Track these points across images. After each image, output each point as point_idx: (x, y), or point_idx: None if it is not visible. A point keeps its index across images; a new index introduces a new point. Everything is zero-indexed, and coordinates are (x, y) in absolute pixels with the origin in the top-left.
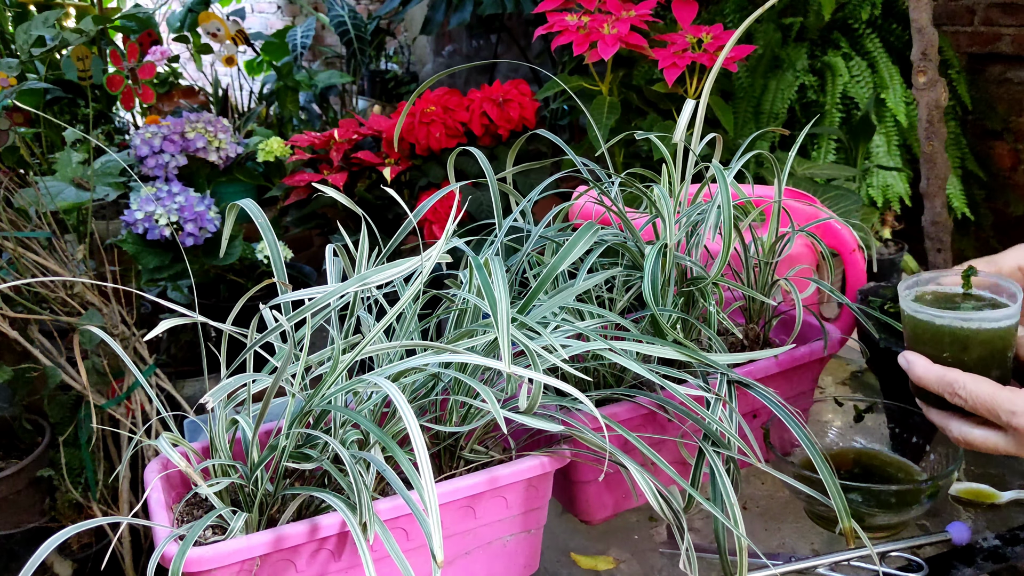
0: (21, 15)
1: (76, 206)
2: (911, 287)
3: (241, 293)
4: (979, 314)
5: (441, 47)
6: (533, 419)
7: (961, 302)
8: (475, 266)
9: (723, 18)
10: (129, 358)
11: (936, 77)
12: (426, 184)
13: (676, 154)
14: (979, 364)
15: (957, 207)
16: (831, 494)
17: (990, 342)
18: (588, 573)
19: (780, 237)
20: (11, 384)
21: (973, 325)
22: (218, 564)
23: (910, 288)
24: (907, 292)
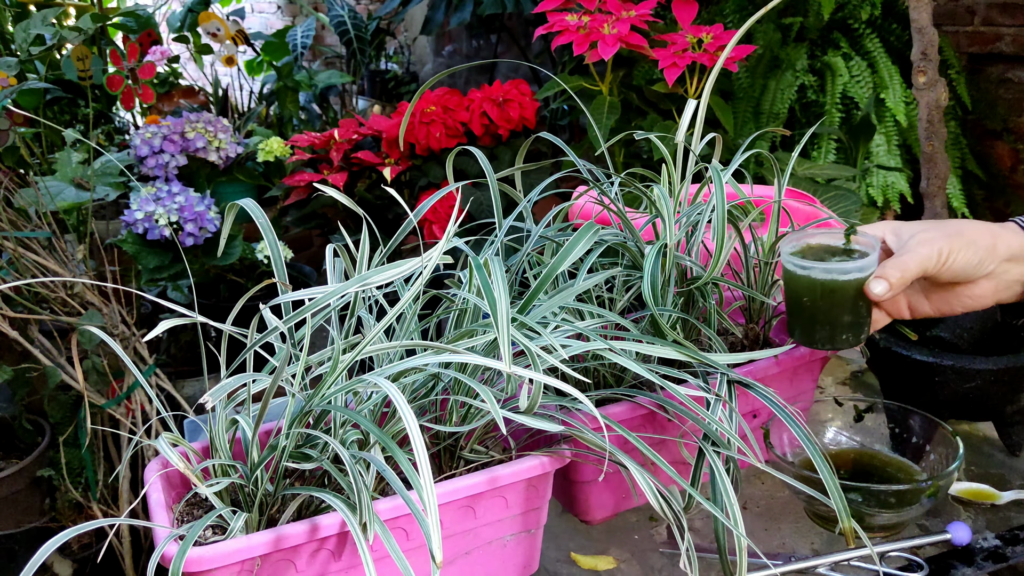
0: (21, 14)
1: (76, 206)
2: (795, 240)
3: (241, 293)
4: (830, 265)
5: (441, 47)
6: (533, 419)
7: (829, 256)
8: (475, 266)
9: (723, 18)
10: (129, 358)
11: (936, 77)
12: (426, 184)
13: (676, 154)
14: (832, 309)
15: (957, 207)
16: (831, 494)
17: (839, 291)
18: (588, 573)
19: (780, 237)
20: (11, 384)
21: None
22: (218, 564)
23: (793, 241)
24: (789, 245)
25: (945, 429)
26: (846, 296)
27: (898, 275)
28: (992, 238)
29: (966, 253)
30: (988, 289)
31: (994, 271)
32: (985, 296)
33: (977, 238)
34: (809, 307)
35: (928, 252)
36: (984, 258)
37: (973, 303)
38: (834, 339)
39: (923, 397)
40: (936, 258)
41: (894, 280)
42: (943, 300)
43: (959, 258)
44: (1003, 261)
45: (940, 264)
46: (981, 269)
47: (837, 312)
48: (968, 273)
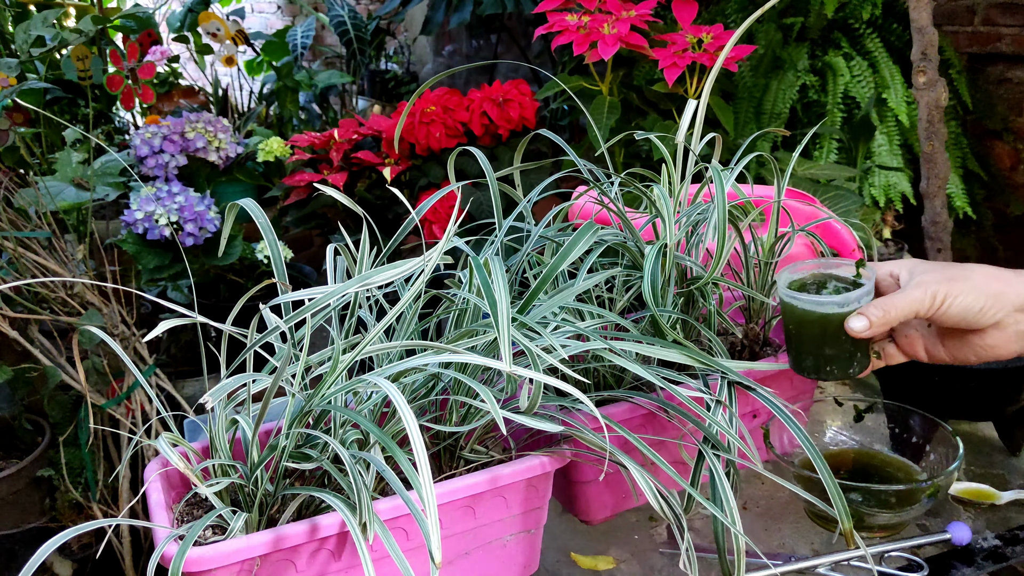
0: (21, 15)
1: (76, 206)
2: (801, 269)
3: (241, 293)
4: (809, 297)
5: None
6: (533, 419)
7: (820, 288)
8: (475, 266)
9: (724, 18)
10: (129, 358)
11: (936, 77)
12: (426, 184)
13: (676, 154)
14: (814, 339)
15: (959, 206)
16: (831, 495)
17: (820, 323)
18: (588, 573)
19: (780, 237)
20: (11, 384)
21: (807, 307)
22: (218, 564)
23: (800, 270)
24: (789, 273)
25: (945, 429)
26: (826, 329)
27: (879, 314)
28: (1003, 285)
29: (966, 299)
30: (999, 339)
31: (1004, 321)
32: (998, 347)
33: (983, 284)
34: (795, 336)
35: (919, 295)
36: (988, 305)
37: (987, 354)
38: (819, 370)
39: (923, 397)
40: (928, 301)
41: (874, 318)
42: (957, 348)
43: (957, 303)
44: (1014, 311)
45: (933, 308)
46: (985, 317)
47: (819, 344)
48: (970, 320)
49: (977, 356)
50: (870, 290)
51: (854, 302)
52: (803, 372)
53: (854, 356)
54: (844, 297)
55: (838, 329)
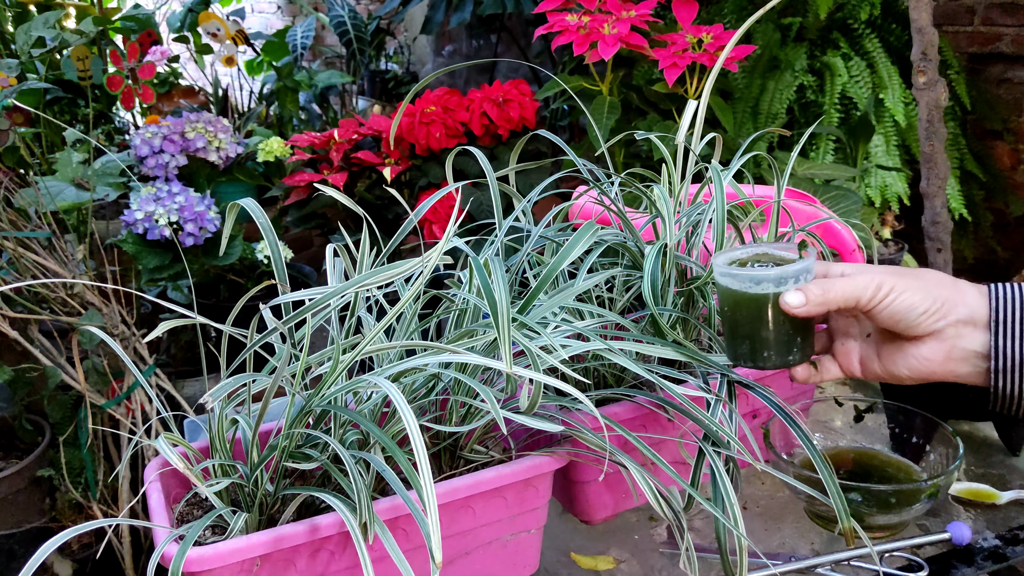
0: (21, 15)
1: (76, 206)
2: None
3: (241, 293)
4: (744, 271)
5: (441, 47)
6: (533, 419)
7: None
8: (475, 266)
9: (723, 18)
10: (129, 358)
11: (936, 77)
12: (426, 184)
13: (676, 154)
14: (748, 321)
15: (954, 208)
16: (831, 494)
17: (756, 302)
18: (588, 573)
19: (780, 237)
20: (11, 384)
21: (742, 286)
22: (218, 564)
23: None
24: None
25: (945, 429)
26: (762, 308)
27: (819, 292)
28: (952, 292)
29: (911, 296)
30: (938, 352)
31: (944, 331)
32: (933, 360)
33: (932, 287)
34: (730, 318)
35: (865, 281)
36: (933, 308)
37: (920, 367)
38: (755, 356)
39: (923, 397)
40: (873, 290)
41: (812, 295)
42: (891, 359)
43: (901, 299)
44: (957, 322)
45: (876, 299)
46: (927, 321)
47: (756, 326)
48: (911, 322)
49: (911, 371)
50: (810, 268)
51: (791, 279)
52: (738, 360)
53: (793, 341)
54: (782, 271)
55: (775, 309)
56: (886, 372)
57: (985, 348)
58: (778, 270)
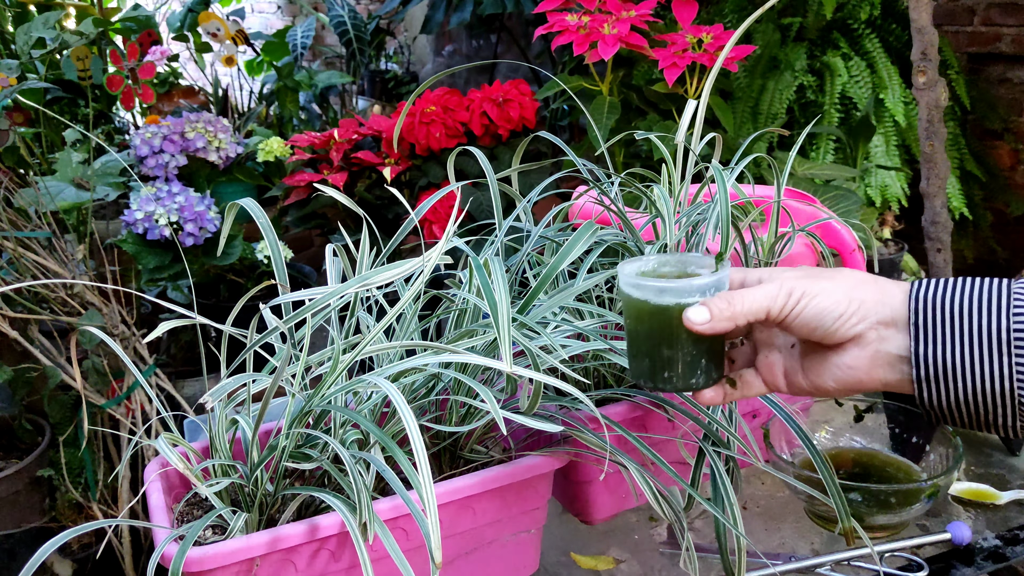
0: (21, 15)
1: (76, 206)
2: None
3: (241, 293)
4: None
5: (441, 47)
6: (533, 419)
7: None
8: (475, 266)
9: (723, 18)
10: (129, 358)
11: (936, 77)
12: (426, 184)
13: (676, 154)
14: (648, 337)
15: (955, 207)
16: (831, 494)
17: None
18: (588, 573)
19: (780, 237)
20: (11, 384)
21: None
22: (218, 564)
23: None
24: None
25: (945, 429)
26: (663, 322)
27: (723, 306)
28: (872, 291)
29: (824, 300)
30: (861, 359)
31: (864, 335)
32: (858, 368)
33: (849, 288)
34: (631, 332)
35: (772, 290)
36: (848, 311)
37: (845, 377)
38: (655, 376)
39: None
40: (783, 299)
41: (716, 310)
42: (815, 370)
43: (813, 304)
44: (877, 324)
45: (787, 308)
46: (844, 326)
47: (656, 342)
48: (827, 328)
49: (836, 381)
50: (720, 281)
51: (696, 292)
52: (638, 378)
53: (697, 363)
54: (687, 283)
55: (677, 324)
56: (812, 385)
57: (908, 352)
58: (684, 281)
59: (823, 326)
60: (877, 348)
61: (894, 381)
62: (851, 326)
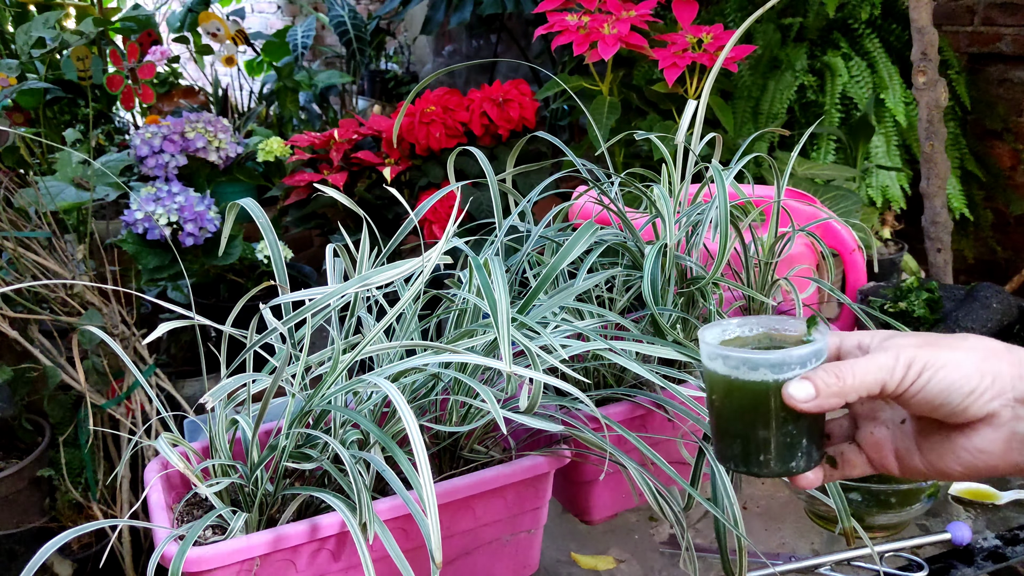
0: (21, 15)
1: (76, 206)
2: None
3: (241, 293)
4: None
5: (441, 47)
6: (533, 419)
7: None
8: (475, 266)
9: (723, 18)
10: (129, 358)
11: (936, 77)
12: (426, 184)
13: (676, 154)
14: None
15: (956, 207)
16: (831, 494)
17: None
18: (588, 573)
19: (780, 237)
20: (11, 384)
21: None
22: (218, 564)
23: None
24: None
25: None
26: (758, 400)
27: (831, 381)
28: (1007, 363)
29: (950, 373)
30: (995, 443)
31: (999, 414)
32: (990, 452)
33: (978, 359)
34: (718, 409)
35: (887, 361)
36: (981, 386)
37: (974, 461)
38: (748, 460)
39: None
40: (901, 371)
41: (822, 385)
42: (936, 452)
43: (938, 378)
44: (1016, 402)
45: (906, 381)
46: (976, 404)
47: (749, 423)
48: (955, 406)
49: (963, 466)
50: (820, 350)
51: (796, 365)
52: (727, 462)
53: (797, 444)
54: (784, 354)
55: (774, 402)
56: (931, 468)
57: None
58: (780, 353)
59: (950, 403)
60: (1014, 428)
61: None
62: (984, 403)
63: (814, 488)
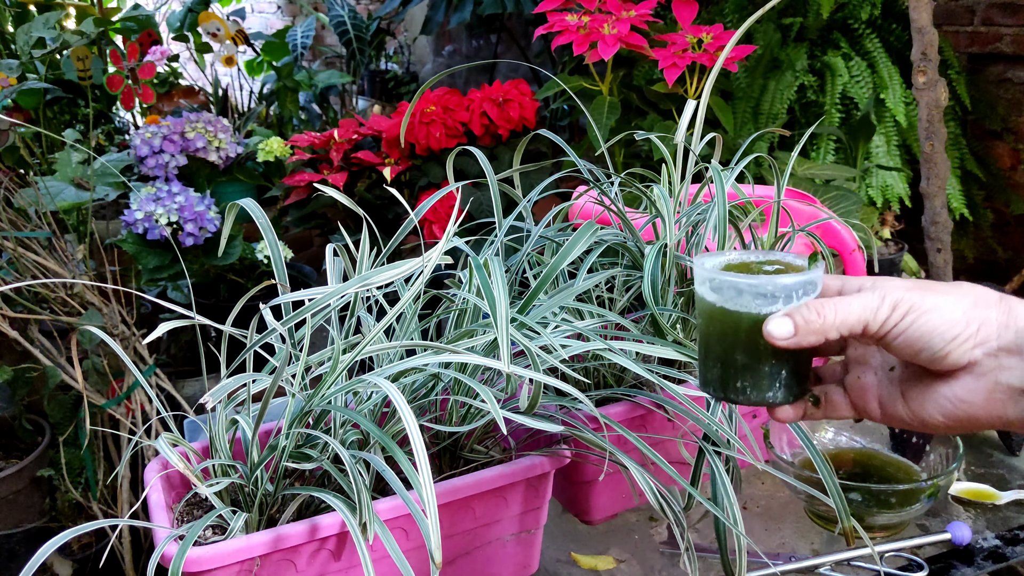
0: (21, 15)
1: (76, 206)
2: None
3: (241, 293)
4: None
5: (441, 47)
6: (533, 419)
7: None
8: (475, 266)
9: (723, 18)
10: (129, 358)
11: (936, 77)
12: (426, 184)
13: (676, 154)
14: (721, 339)
15: (956, 208)
16: (831, 494)
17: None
18: (588, 573)
19: (780, 237)
20: (11, 384)
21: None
22: (218, 564)
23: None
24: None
25: None
26: (738, 325)
27: (812, 316)
28: (996, 311)
29: (934, 317)
30: (976, 393)
31: (981, 362)
32: (972, 402)
33: (967, 305)
34: (703, 334)
35: (872, 300)
36: (964, 333)
37: (955, 411)
38: (726, 386)
39: None
40: (886, 311)
41: (802, 321)
42: (919, 399)
43: (921, 321)
44: (999, 350)
45: (891, 320)
46: (957, 351)
47: (728, 345)
48: (935, 350)
49: (945, 415)
50: (810, 282)
51: (780, 293)
52: (706, 387)
53: (777, 375)
54: (771, 280)
55: (754, 330)
56: (913, 416)
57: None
58: (766, 278)
59: (931, 347)
60: (996, 378)
61: (1015, 418)
62: (965, 351)
63: (793, 423)
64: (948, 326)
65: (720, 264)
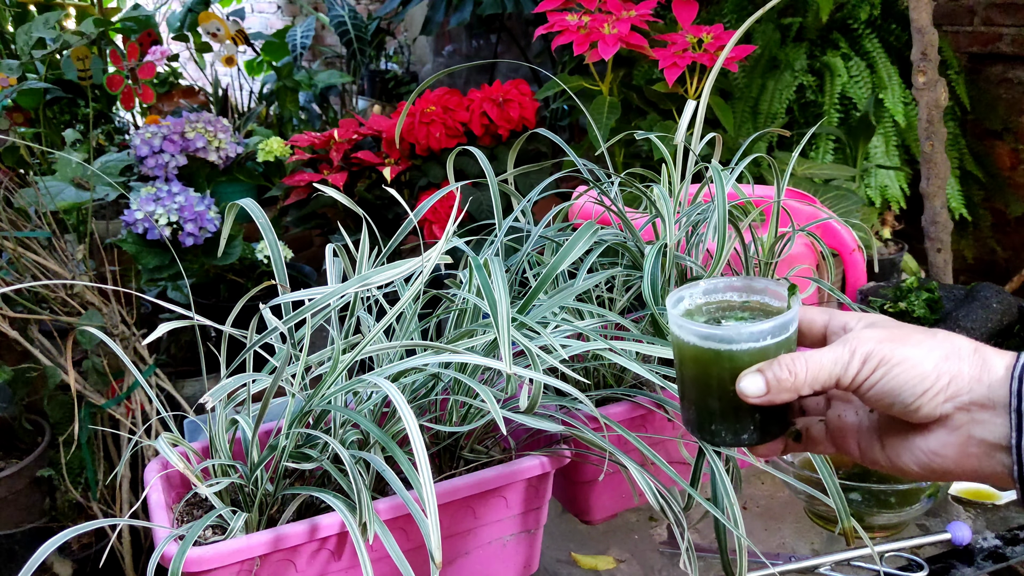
0: (21, 15)
1: (76, 206)
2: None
3: (241, 293)
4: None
5: (441, 47)
6: (533, 419)
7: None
8: (475, 266)
9: (723, 18)
10: (129, 358)
11: (936, 77)
12: (426, 184)
13: (676, 154)
14: (694, 384)
15: (954, 208)
16: (831, 494)
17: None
18: (588, 573)
19: (780, 237)
20: (11, 384)
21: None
22: (218, 564)
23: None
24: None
25: None
26: (708, 373)
27: (784, 375)
28: (968, 364)
29: (904, 372)
30: (949, 447)
31: (952, 416)
32: (945, 456)
33: (938, 358)
34: (677, 373)
35: (842, 354)
36: (935, 387)
37: (929, 463)
38: (702, 427)
39: None
40: (856, 365)
41: (773, 380)
42: (895, 448)
43: (891, 375)
44: (972, 404)
45: (859, 376)
46: (928, 405)
47: (703, 392)
48: (907, 404)
49: (920, 467)
50: (782, 326)
51: (748, 341)
52: (686, 426)
53: (750, 418)
54: (733, 330)
55: (724, 376)
56: (890, 463)
57: (1008, 440)
58: (732, 327)
59: (903, 401)
60: (970, 432)
61: (990, 473)
62: (936, 404)
63: (773, 457)
64: (918, 380)
65: (697, 303)
